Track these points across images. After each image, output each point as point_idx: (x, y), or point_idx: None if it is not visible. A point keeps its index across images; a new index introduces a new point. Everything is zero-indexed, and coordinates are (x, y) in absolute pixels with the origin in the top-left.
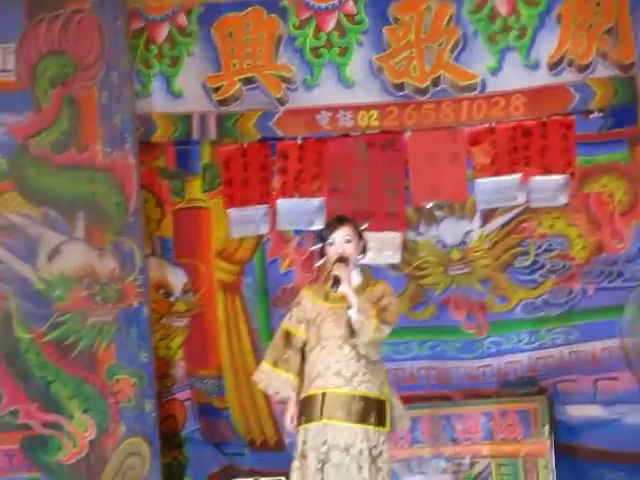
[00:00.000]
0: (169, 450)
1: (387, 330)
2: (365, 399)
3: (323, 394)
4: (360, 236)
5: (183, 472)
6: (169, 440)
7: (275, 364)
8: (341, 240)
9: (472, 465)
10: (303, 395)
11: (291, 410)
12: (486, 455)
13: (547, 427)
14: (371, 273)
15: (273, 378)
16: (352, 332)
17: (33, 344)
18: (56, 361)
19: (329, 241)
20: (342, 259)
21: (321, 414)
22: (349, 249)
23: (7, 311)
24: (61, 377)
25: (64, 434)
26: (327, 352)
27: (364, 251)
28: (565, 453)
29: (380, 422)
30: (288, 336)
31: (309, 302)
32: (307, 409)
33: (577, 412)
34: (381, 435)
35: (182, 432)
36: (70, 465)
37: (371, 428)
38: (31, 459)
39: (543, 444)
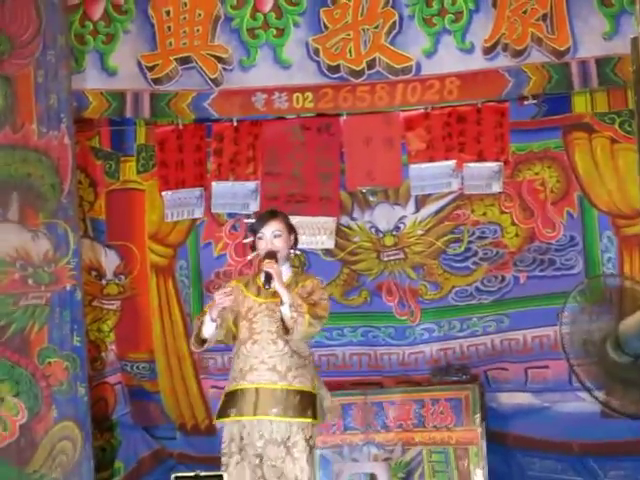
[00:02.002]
0: (100, 434)
1: (319, 325)
2: (300, 393)
3: (257, 389)
4: (291, 230)
5: (114, 456)
6: (100, 424)
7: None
8: (270, 235)
9: (403, 452)
10: (232, 387)
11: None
12: (417, 442)
13: (478, 415)
14: (305, 258)
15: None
16: (284, 328)
17: None
18: None
19: (259, 235)
20: (271, 254)
21: (255, 410)
22: (278, 244)
23: None
24: None
25: None
26: (260, 347)
27: (295, 245)
28: (496, 440)
29: (314, 415)
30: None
31: (240, 295)
32: (238, 403)
33: (508, 400)
34: (314, 427)
35: (113, 416)
36: (0, 449)
37: (308, 421)
38: None
39: (474, 432)
